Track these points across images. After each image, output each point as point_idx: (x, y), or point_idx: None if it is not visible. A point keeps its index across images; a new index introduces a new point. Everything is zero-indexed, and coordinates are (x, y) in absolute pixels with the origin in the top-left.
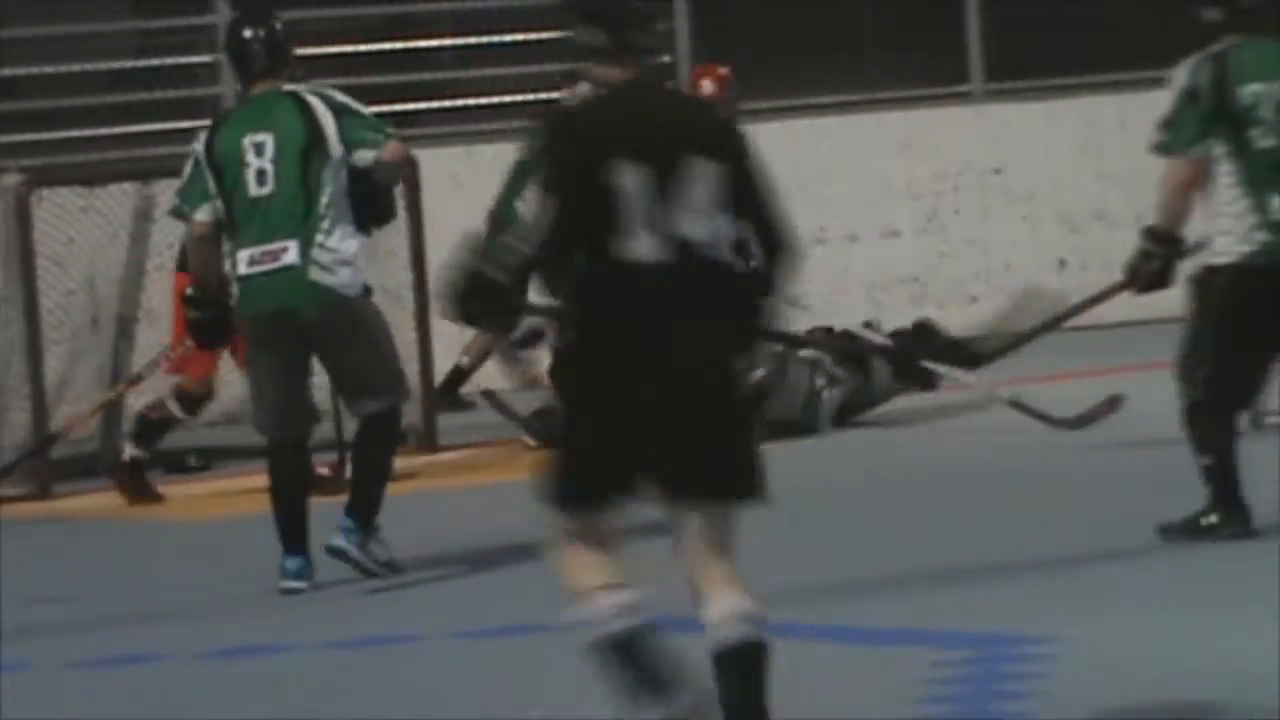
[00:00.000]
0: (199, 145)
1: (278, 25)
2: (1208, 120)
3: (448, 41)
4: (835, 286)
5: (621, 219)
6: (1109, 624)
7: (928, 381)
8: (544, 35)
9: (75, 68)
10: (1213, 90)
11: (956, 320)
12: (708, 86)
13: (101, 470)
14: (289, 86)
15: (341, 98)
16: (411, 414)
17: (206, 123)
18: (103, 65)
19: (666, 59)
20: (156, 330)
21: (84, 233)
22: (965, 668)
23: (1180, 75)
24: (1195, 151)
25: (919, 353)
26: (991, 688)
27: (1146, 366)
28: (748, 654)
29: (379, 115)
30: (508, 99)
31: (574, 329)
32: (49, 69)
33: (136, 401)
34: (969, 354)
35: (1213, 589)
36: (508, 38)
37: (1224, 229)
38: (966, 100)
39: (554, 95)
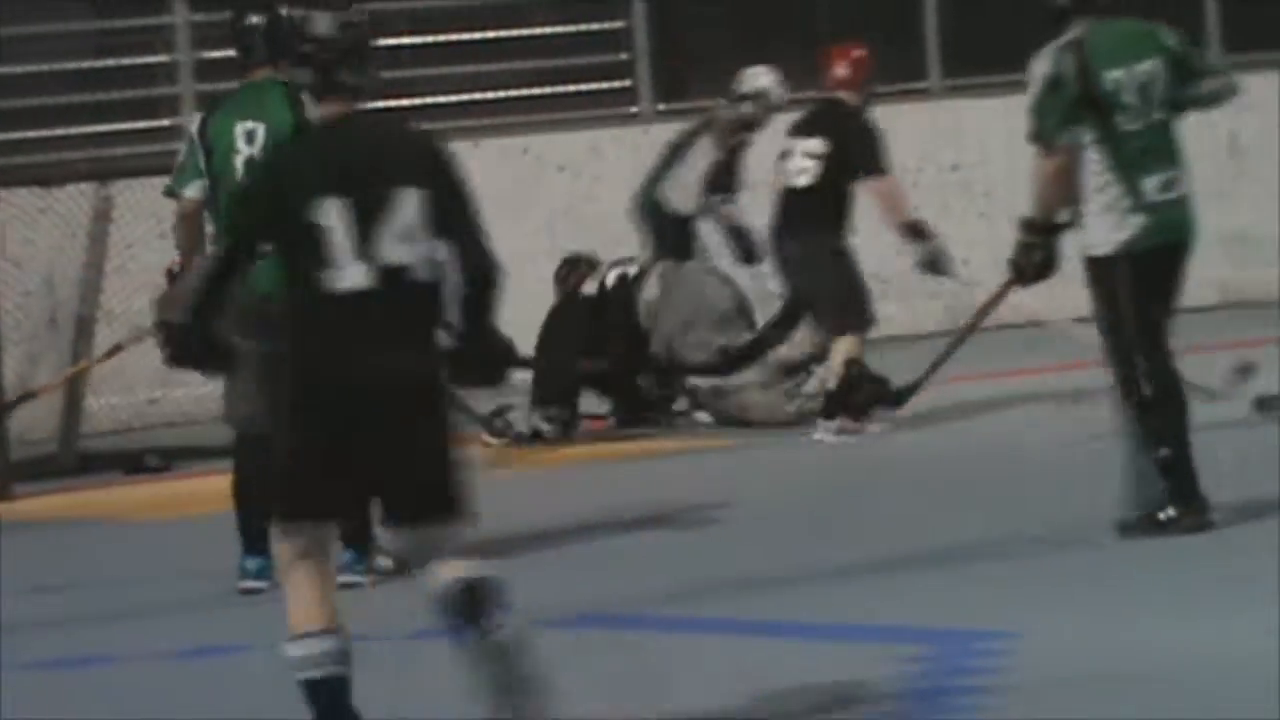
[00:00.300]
0: (193, 127)
1: (283, 15)
2: (1074, 108)
3: (406, 40)
4: None
5: (327, 251)
6: (1068, 618)
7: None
8: (502, 33)
9: (32, 68)
10: (1076, 77)
11: (914, 317)
12: (842, 70)
13: (60, 471)
14: (284, 77)
15: None
16: None
17: (164, 123)
18: (60, 66)
19: (624, 56)
20: (115, 330)
21: (42, 233)
22: (923, 663)
23: (1041, 64)
24: (1064, 139)
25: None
26: (950, 683)
27: None
28: (465, 586)
29: None
30: (466, 97)
31: (288, 355)
32: (6, 69)
33: (97, 402)
34: (894, 393)
35: (1175, 581)
36: (466, 36)
37: (1098, 215)
38: (924, 97)
39: (512, 93)
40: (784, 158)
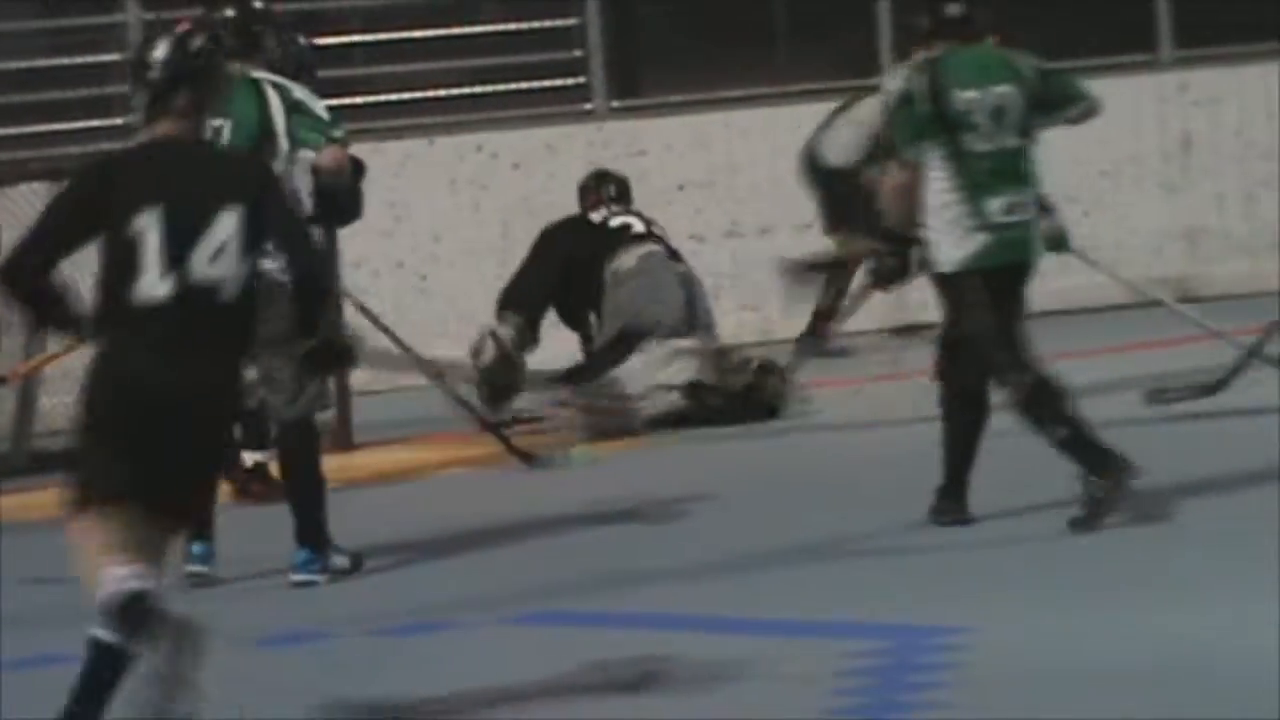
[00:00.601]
0: None
1: (256, 7)
2: (923, 125)
3: (358, 38)
4: (749, 281)
5: (138, 262)
6: (1023, 614)
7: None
8: (455, 31)
9: None
10: (927, 96)
11: (867, 311)
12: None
13: (12, 471)
14: (256, 73)
15: (298, 94)
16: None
17: (117, 121)
18: (12, 65)
19: (578, 53)
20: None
21: None
22: (877, 659)
23: (895, 81)
24: (911, 155)
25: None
26: (904, 679)
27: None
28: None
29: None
30: (420, 95)
31: (96, 357)
32: None
33: (50, 401)
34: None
35: (1130, 575)
36: (419, 34)
37: (941, 232)
38: (879, 92)
39: (465, 91)
40: None
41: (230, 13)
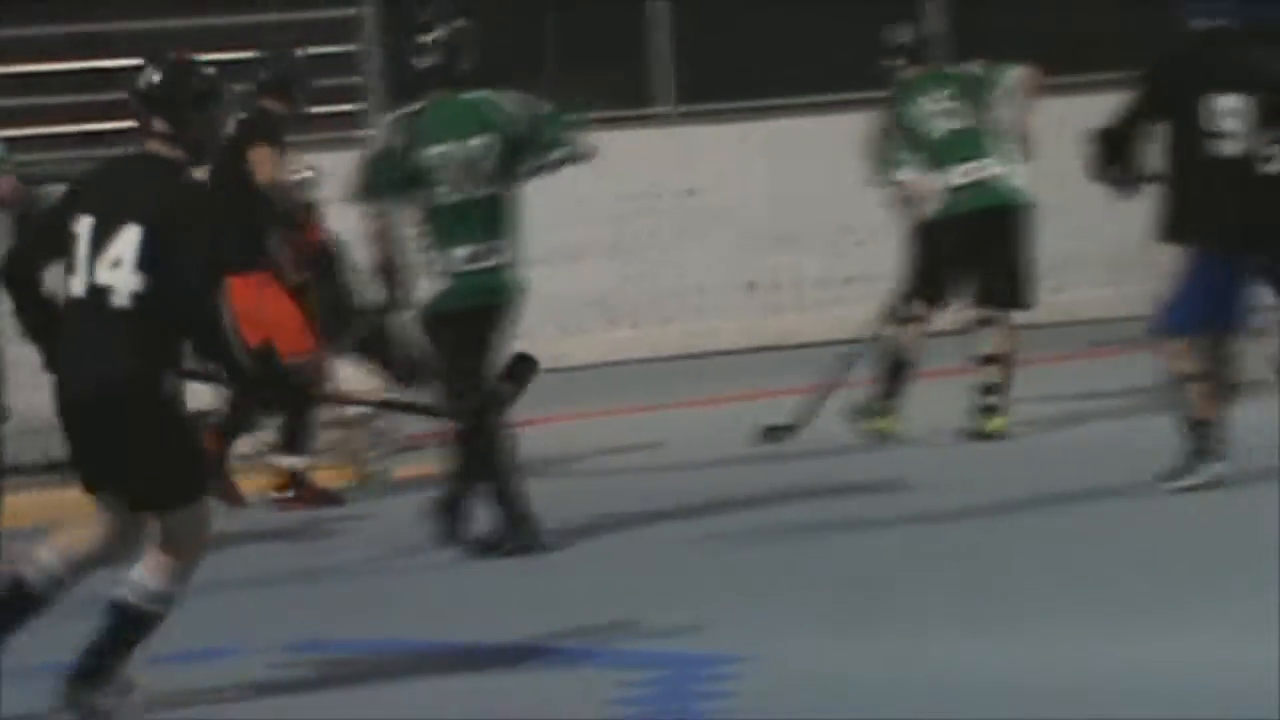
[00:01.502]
0: None
1: None
2: (399, 175)
3: (130, 61)
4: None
5: (73, 263)
6: (799, 642)
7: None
8: (229, 56)
9: None
10: (403, 148)
11: (648, 342)
12: None
13: None
14: None
15: None
16: None
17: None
18: None
19: (357, 79)
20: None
21: None
22: (651, 688)
23: (381, 130)
24: (387, 201)
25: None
26: (678, 707)
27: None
28: (116, 609)
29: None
30: None
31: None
32: None
33: None
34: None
35: (900, 600)
36: (212, 57)
37: (422, 275)
38: (659, 122)
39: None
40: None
41: None
